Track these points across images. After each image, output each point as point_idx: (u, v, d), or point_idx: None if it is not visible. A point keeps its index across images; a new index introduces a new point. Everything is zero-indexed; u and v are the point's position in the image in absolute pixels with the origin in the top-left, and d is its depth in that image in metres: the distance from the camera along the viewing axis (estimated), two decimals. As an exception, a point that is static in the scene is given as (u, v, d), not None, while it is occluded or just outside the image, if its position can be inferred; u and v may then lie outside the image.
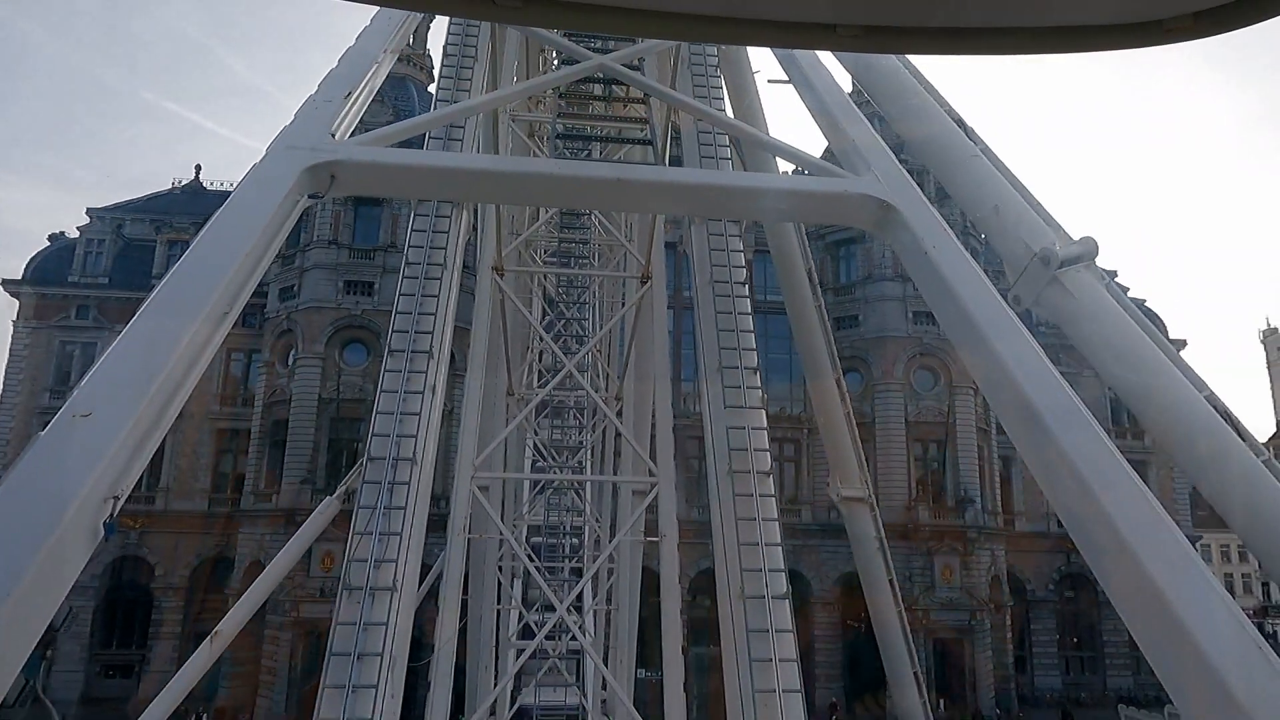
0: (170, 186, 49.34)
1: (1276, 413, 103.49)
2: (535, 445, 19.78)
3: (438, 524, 10.93)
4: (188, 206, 45.45)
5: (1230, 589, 70.39)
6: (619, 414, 15.18)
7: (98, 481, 3.60)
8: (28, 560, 3.18)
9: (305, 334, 39.78)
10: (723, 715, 7.88)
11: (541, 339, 16.62)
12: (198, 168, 49.97)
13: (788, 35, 1.64)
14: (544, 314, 19.26)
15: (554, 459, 19.08)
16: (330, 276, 40.17)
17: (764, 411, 9.48)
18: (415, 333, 8.93)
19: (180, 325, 4.28)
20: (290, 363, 40.24)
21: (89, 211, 45.83)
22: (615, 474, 17.02)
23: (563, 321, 18.35)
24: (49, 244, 45.43)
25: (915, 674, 11.36)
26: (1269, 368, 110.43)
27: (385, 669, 7.00)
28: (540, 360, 20.04)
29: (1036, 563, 44.62)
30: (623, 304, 16.95)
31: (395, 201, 37.55)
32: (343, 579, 7.55)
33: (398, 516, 7.78)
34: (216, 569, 41.13)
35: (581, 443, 18.71)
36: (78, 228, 45.27)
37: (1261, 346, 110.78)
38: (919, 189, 6.03)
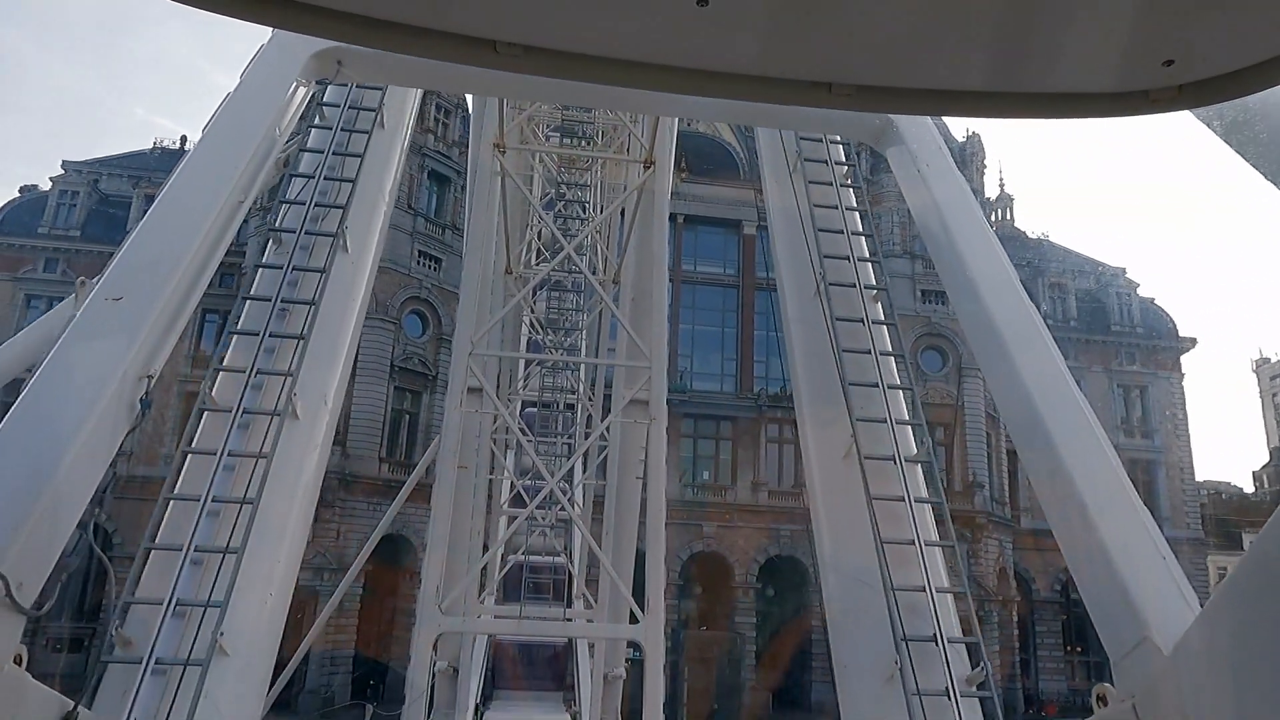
0: (152, 146, 47.56)
1: (1269, 441, 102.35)
2: (531, 321, 19.37)
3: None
4: (170, 165, 43.58)
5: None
6: (615, 298, 14.64)
7: (132, 362, 3.85)
8: (74, 433, 3.46)
9: (285, 289, 37.88)
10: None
11: (541, 218, 15.62)
12: (183, 138, 48.25)
13: (784, 92, 1.63)
14: (544, 192, 18.52)
15: (550, 335, 17.97)
16: (314, 230, 38.37)
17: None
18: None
19: (199, 210, 4.45)
20: (268, 320, 38.30)
21: (64, 164, 43.90)
22: (609, 355, 16.40)
23: (563, 202, 17.21)
24: (20, 195, 43.35)
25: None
26: (1260, 396, 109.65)
27: (310, 318, 5.12)
28: (539, 238, 19.47)
29: (1043, 562, 42.63)
30: (625, 187, 16.10)
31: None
32: (272, 221, 5.69)
33: (352, 165, 5.92)
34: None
35: (578, 323, 17.80)
36: (50, 178, 43.27)
37: (1254, 376, 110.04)
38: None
